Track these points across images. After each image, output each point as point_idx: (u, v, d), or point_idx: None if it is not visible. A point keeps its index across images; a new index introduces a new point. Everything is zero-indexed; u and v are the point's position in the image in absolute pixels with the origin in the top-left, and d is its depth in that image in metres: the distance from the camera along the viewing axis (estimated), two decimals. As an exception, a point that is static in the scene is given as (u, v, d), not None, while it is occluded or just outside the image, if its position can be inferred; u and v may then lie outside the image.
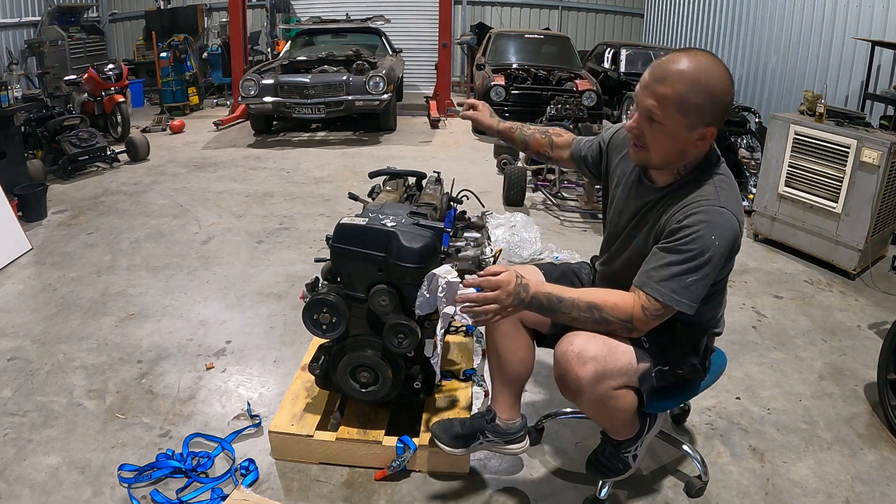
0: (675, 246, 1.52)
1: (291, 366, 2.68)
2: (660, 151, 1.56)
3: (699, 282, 1.51)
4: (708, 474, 2.04)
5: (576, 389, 1.58)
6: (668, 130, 1.51)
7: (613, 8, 12.09)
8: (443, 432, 1.97)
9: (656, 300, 1.52)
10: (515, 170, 4.96)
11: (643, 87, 1.52)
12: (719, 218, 1.51)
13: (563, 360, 1.58)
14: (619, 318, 1.56)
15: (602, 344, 1.57)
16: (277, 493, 2.01)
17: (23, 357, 2.75)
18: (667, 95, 1.48)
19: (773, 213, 4.16)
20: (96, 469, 2.09)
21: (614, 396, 1.61)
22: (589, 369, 1.55)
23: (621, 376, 1.60)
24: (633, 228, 1.71)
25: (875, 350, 2.57)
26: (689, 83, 1.47)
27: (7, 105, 4.85)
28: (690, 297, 1.52)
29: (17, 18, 8.98)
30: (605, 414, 1.70)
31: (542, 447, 2.23)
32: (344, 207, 4.71)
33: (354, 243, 1.97)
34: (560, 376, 1.60)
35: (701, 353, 1.77)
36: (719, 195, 1.54)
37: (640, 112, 1.54)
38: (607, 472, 1.85)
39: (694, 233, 1.50)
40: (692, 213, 1.52)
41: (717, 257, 1.51)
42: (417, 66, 11.00)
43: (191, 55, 8.90)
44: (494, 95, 7.27)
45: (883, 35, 5.25)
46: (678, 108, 1.48)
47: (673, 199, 1.60)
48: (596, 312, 1.56)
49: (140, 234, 4.23)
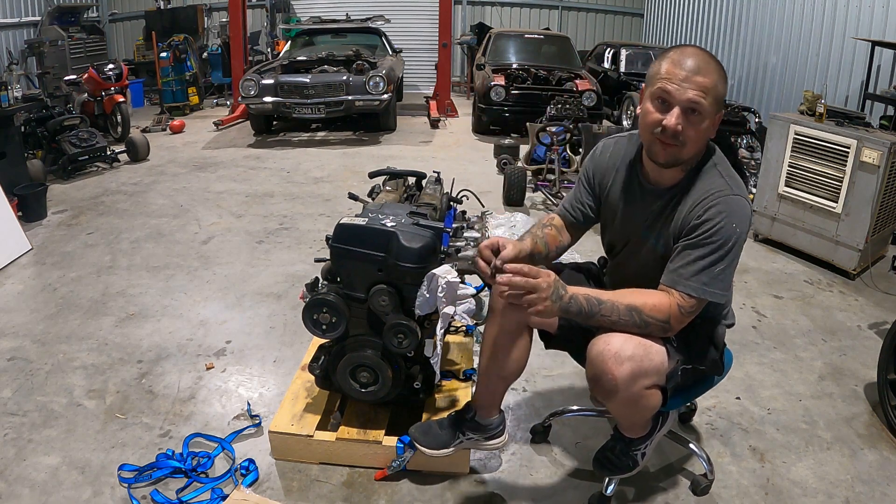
0: (700, 241, 1.55)
1: (291, 366, 2.68)
2: (696, 144, 1.57)
3: (727, 269, 1.56)
4: (714, 473, 2.05)
5: (611, 389, 1.56)
6: (707, 121, 1.54)
7: (613, 8, 12.09)
8: (421, 434, 1.97)
9: (691, 296, 1.55)
10: (515, 170, 4.96)
11: (681, 82, 1.50)
12: (736, 206, 1.56)
13: (599, 359, 1.56)
14: (659, 320, 1.56)
15: (638, 343, 1.57)
16: (277, 493, 2.01)
17: (23, 357, 2.75)
18: (707, 86, 1.50)
19: (773, 213, 4.16)
20: (96, 469, 2.09)
21: (645, 395, 1.62)
22: (626, 369, 1.54)
23: (654, 376, 1.60)
24: (647, 230, 1.71)
25: (875, 350, 2.57)
26: (718, 72, 1.53)
27: (7, 105, 4.85)
28: (722, 287, 1.56)
29: (17, 18, 8.98)
30: (633, 412, 1.71)
31: (543, 446, 2.23)
32: (344, 207, 4.71)
33: (354, 243, 1.97)
34: (595, 376, 1.59)
35: (720, 348, 1.80)
36: (730, 184, 1.59)
37: (678, 107, 1.51)
38: (615, 469, 1.85)
39: (716, 225, 1.53)
40: (710, 206, 1.56)
41: (741, 243, 1.57)
42: (417, 66, 11.00)
43: (191, 55, 8.90)
44: (494, 95, 7.27)
45: (883, 35, 5.25)
46: (715, 98, 1.52)
47: (685, 195, 1.62)
48: (636, 315, 1.55)
49: (140, 234, 4.23)
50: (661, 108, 1.54)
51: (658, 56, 1.62)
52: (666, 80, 1.52)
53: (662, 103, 1.54)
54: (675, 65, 1.52)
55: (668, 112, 1.52)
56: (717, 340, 1.79)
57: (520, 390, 2.56)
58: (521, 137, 6.74)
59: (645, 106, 1.59)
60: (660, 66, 1.56)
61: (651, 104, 1.57)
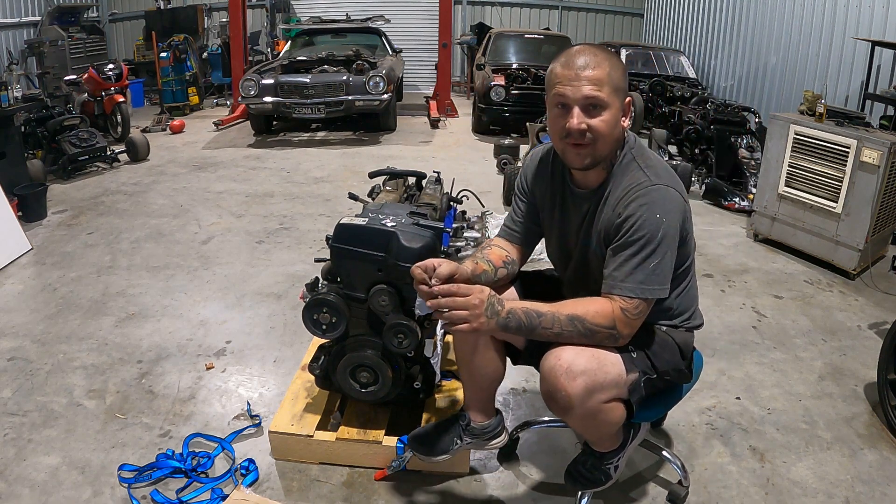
0: (626, 240, 1.51)
1: (291, 366, 2.68)
2: (608, 137, 1.53)
3: (662, 263, 1.51)
4: (689, 479, 2.00)
5: (566, 406, 1.50)
6: (611, 111, 1.51)
7: (613, 8, 12.08)
8: (418, 443, 1.96)
9: (630, 298, 1.50)
10: (515, 170, 4.96)
11: (573, 81, 1.49)
12: (657, 195, 1.51)
13: (551, 375, 1.51)
14: (604, 326, 1.51)
15: (591, 356, 1.51)
16: (277, 493, 2.01)
17: (23, 357, 2.75)
18: (599, 77, 1.49)
19: (773, 213, 4.15)
20: (96, 469, 2.09)
21: (604, 410, 1.56)
22: (579, 384, 1.48)
23: (612, 389, 1.54)
24: (585, 238, 1.68)
25: (875, 350, 2.57)
26: (610, 61, 1.52)
27: (7, 105, 4.85)
28: (659, 282, 1.52)
29: (17, 18, 8.98)
30: (594, 428, 1.66)
31: (542, 448, 2.23)
32: (344, 207, 4.71)
33: (354, 243, 1.97)
34: (548, 392, 1.53)
35: (688, 355, 1.73)
36: (649, 175, 1.55)
37: (577, 106, 1.50)
38: (587, 483, 1.79)
39: (637, 219, 1.50)
40: (629, 202, 1.52)
41: (671, 232, 1.51)
42: (417, 66, 10.99)
43: (191, 55, 8.90)
44: (494, 95, 7.27)
45: (883, 35, 5.25)
46: (613, 87, 1.50)
47: (609, 194, 1.60)
48: (579, 324, 1.50)
49: (140, 234, 4.23)
50: (562, 113, 1.53)
51: (552, 63, 1.59)
52: (559, 84, 1.52)
53: (563, 107, 1.53)
54: (566, 66, 1.51)
55: (570, 114, 1.51)
56: (683, 347, 1.70)
57: (520, 390, 2.57)
58: (521, 137, 6.75)
59: (549, 115, 1.58)
60: (552, 72, 1.55)
61: (553, 112, 1.56)
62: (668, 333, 1.68)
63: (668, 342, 1.68)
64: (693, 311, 1.76)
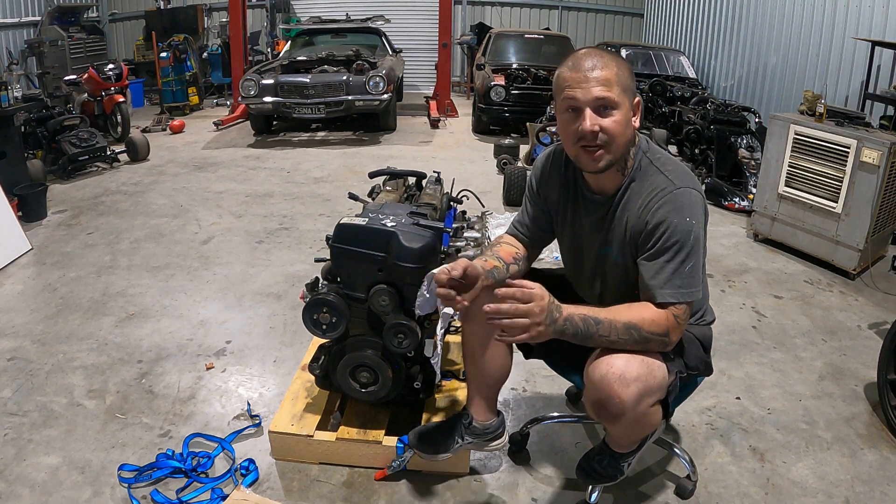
0: (660, 247, 1.52)
1: (291, 366, 2.68)
2: (621, 138, 1.52)
3: (696, 265, 1.53)
4: (697, 474, 2.03)
5: (618, 413, 1.49)
6: (622, 111, 1.51)
7: (613, 8, 12.08)
8: (420, 441, 1.96)
9: (677, 304, 1.51)
10: (515, 170, 4.96)
11: (582, 84, 1.48)
12: (683, 200, 1.52)
13: (604, 383, 1.49)
14: (658, 334, 1.51)
15: (641, 363, 1.50)
16: (277, 493, 2.01)
17: (23, 357, 2.75)
18: (608, 77, 1.49)
19: (773, 213, 4.15)
20: (96, 469, 2.09)
21: (649, 413, 1.57)
22: (632, 391, 1.47)
23: (658, 392, 1.56)
24: (602, 246, 1.67)
25: (875, 350, 2.57)
26: (617, 61, 1.52)
27: (7, 105, 4.84)
28: (696, 284, 1.54)
29: (17, 18, 8.97)
30: (637, 431, 1.67)
31: (542, 448, 2.23)
32: (344, 207, 4.71)
33: (354, 243, 1.97)
34: (599, 400, 1.51)
35: (708, 348, 1.78)
36: (672, 179, 1.55)
37: (588, 108, 1.49)
38: (600, 478, 1.80)
39: (669, 225, 1.51)
40: (657, 209, 1.53)
41: (701, 234, 1.54)
42: (417, 66, 10.99)
43: (191, 55, 8.89)
44: (494, 95, 7.27)
45: (883, 35, 5.24)
46: (622, 86, 1.50)
47: (629, 201, 1.59)
48: (635, 332, 1.49)
49: (140, 234, 4.23)
50: (573, 117, 1.52)
51: (558, 68, 1.58)
52: (568, 88, 1.51)
53: (573, 111, 1.52)
54: (574, 69, 1.51)
55: (581, 116, 1.50)
56: (703, 341, 1.76)
57: (520, 390, 2.56)
58: (521, 137, 6.74)
59: (559, 121, 1.57)
60: (560, 77, 1.55)
61: (563, 116, 1.55)
62: (689, 330, 1.70)
63: (692, 338, 1.72)
64: (706, 307, 1.81)
